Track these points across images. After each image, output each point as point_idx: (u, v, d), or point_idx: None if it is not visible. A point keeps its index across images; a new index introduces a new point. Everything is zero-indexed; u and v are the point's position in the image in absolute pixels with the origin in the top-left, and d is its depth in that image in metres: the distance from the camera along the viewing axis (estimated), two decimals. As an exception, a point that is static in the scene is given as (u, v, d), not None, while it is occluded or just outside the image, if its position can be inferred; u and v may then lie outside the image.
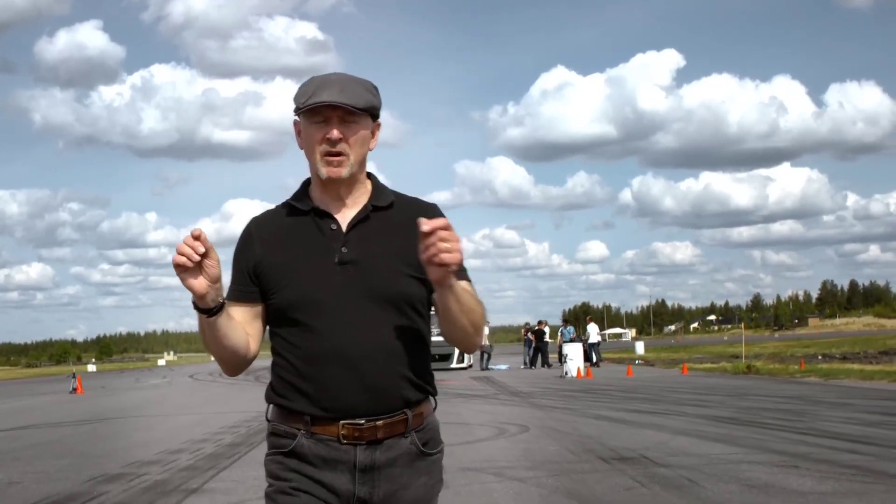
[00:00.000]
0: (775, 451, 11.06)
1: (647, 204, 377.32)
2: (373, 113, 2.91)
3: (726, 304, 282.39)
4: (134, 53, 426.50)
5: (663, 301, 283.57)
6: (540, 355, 44.03)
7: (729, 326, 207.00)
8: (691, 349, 68.17)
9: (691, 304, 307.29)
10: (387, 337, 2.83)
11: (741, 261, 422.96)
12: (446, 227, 2.62)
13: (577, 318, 72.55)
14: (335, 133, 2.82)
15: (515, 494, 8.73)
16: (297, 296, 2.84)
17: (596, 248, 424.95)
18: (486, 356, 44.45)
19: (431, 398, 3.02)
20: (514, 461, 11.02)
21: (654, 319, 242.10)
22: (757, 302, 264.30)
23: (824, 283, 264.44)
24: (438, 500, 3.03)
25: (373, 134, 2.95)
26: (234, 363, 2.95)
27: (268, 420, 2.99)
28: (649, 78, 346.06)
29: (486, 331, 45.43)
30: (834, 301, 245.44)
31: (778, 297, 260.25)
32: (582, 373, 32.37)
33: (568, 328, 42.99)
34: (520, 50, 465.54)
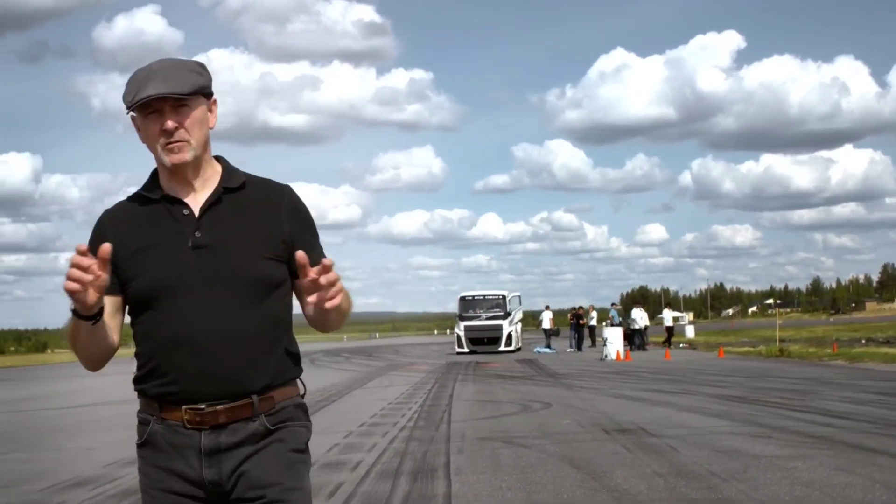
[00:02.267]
0: (759, 424, 12.41)
1: (706, 186, 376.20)
2: (204, 93, 2.91)
3: (785, 287, 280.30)
4: (192, 38, 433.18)
5: (721, 284, 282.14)
6: (577, 338, 45.56)
7: (787, 310, 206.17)
8: (741, 333, 68.86)
9: (751, 287, 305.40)
10: (237, 322, 2.82)
11: (802, 244, 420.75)
12: (328, 271, 2.67)
13: (635, 301, 73.83)
14: (170, 123, 2.82)
15: (517, 458, 10.16)
16: (151, 283, 2.84)
17: (655, 231, 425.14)
18: (550, 338, 46.41)
19: (297, 381, 3.02)
20: (527, 432, 12.45)
21: (711, 303, 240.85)
22: (817, 285, 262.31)
23: (885, 267, 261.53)
24: (304, 471, 2.98)
25: (210, 110, 2.95)
26: (103, 360, 2.99)
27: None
28: (709, 59, 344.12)
29: (550, 314, 47.42)
30: (895, 285, 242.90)
31: (838, 281, 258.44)
32: (621, 356, 33.59)
33: (615, 310, 44.44)
34: (578, 32, 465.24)
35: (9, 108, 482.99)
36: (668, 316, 46.78)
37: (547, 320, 47.68)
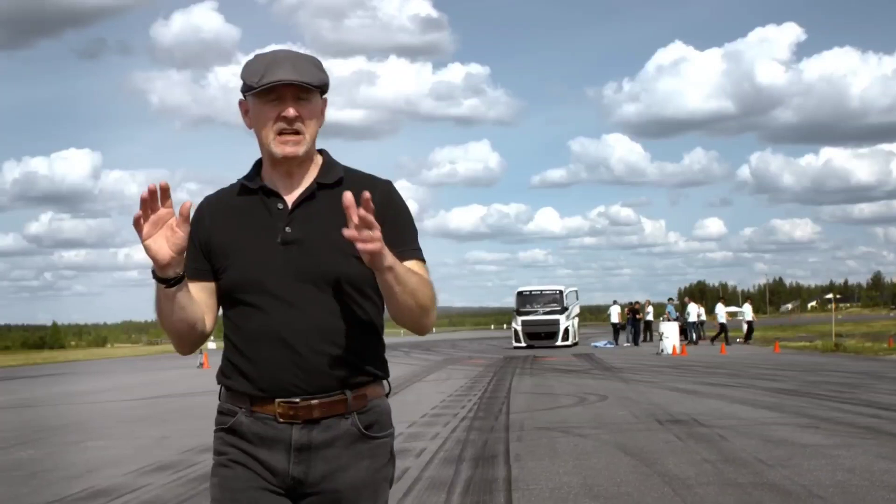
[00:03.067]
0: (809, 415, 12.82)
1: (765, 180, 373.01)
2: (323, 89, 2.89)
3: (845, 282, 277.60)
4: (249, 34, 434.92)
5: (781, 279, 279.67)
6: (634, 332, 45.93)
7: (847, 305, 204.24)
8: (799, 328, 68.62)
9: (811, 281, 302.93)
10: (324, 318, 2.81)
11: (863, 238, 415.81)
12: (366, 215, 2.53)
13: (693, 296, 73.96)
14: (291, 111, 2.80)
15: (573, 446, 10.66)
16: (240, 276, 2.85)
17: (713, 226, 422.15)
18: (619, 333, 47.32)
19: (384, 382, 2.98)
20: (584, 423, 12.94)
21: (770, 298, 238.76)
22: (877, 280, 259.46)
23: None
24: (387, 489, 2.97)
25: (321, 110, 2.93)
26: (188, 339, 2.92)
27: (219, 400, 2.97)
28: (768, 52, 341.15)
29: (618, 309, 48.02)
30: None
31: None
32: (677, 350, 33.84)
33: (671, 305, 44.79)
34: (635, 25, 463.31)
35: (68, 105, 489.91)
36: (748, 311, 47.35)
37: (615, 315, 48.33)
